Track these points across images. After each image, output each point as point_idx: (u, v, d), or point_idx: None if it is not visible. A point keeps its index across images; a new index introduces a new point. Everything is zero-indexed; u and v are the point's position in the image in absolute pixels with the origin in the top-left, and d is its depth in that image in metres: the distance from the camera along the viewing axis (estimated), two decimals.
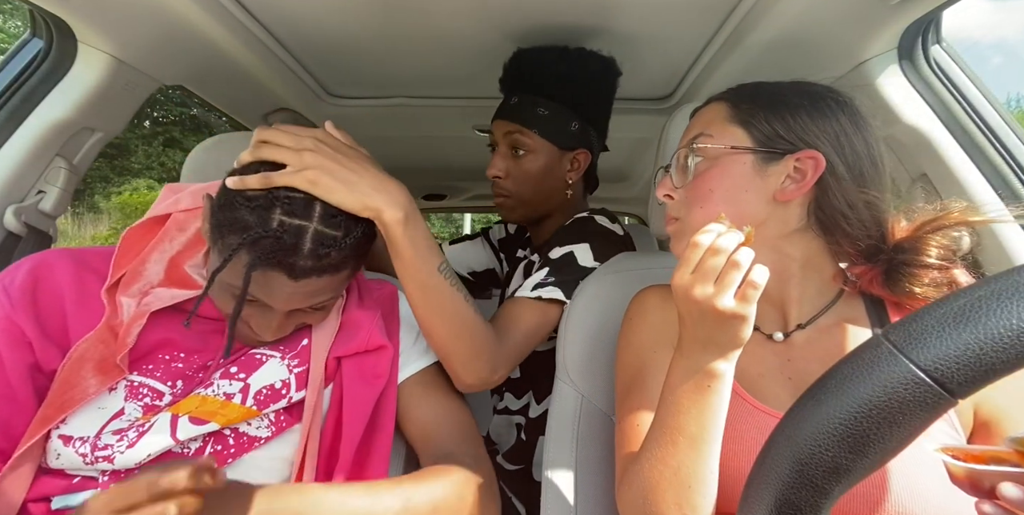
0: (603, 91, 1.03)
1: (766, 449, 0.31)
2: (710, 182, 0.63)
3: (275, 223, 0.58)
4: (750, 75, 0.68)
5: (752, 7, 0.86)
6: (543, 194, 1.01)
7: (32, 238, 0.89)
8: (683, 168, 0.66)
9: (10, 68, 0.88)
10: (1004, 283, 0.26)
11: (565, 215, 1.04)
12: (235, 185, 0.60)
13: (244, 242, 0.57)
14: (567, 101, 0.97)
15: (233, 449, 0.68)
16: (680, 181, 0.66)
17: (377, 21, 0.94)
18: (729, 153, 0.63)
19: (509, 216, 1.05)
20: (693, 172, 0.65)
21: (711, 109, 0.67)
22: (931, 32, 0.86)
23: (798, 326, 0.64)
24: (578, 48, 0.97)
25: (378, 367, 0.75)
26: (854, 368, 0.29)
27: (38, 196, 0.91)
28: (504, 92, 1.03)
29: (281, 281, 0.60)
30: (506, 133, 0.99)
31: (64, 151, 0.92)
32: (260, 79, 1.13)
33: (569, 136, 0.99)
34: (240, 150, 0.89)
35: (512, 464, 1.08)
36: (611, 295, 0.84)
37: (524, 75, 0.99)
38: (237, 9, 0.89)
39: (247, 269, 0.57)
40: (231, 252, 0.58)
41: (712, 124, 0.65)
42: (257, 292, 0.61)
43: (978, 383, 0.26)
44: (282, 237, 0.58)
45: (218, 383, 0.68)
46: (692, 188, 0.65)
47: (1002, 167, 0.81)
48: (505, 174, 1.00)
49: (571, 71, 0.97)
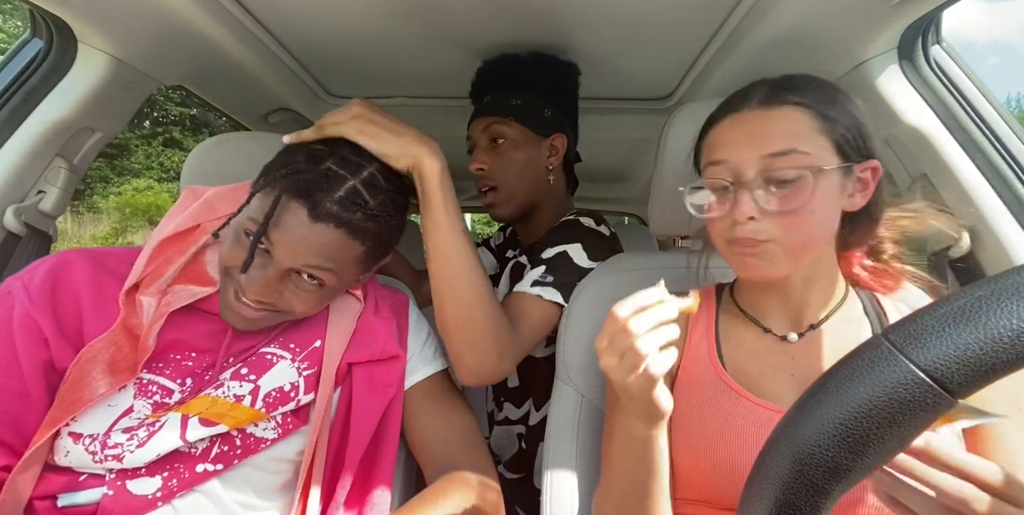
0: (570, 82, 1.07)
1: (766, 449, 0.31)
2: (811, 203, 0.57)
3: (323, 166, 0.64)
4: (750, 75, 0.67)
5: (752, 7, 0.86)
6: (526, 181, 1.02)
7: (32, 238, 0.89)
8: (773, 187, 0.58)
9: (10, 68, 0.88)
10: (1004, 283, 0.26)
11: (551, 213, 1.06)
12: (291, 139, 0.67)
13: (287, 173, 0.63)
14: (538, 89, 1.02)
15: (240, 450, 0.68)
16: (769, 201, 0.58)
17: (377, 21, 0.94)
18: (824, 174, 0.57)
19: (498, 212, 1.05)
20: (787, 191, 0.57)
21: (792, 118, 0.59)
22: (931, 32, 0.86)
23: (810, 326, 0.64)
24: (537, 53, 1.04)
25: (389, 376, 0.75)
26: (854, 368, 0.29)
27: (38, 196, 0.91)
28: (474, 100, 1.08)
29: (299, 218, 0.62)
30: (484, 128, 1.02)
31: (64, 151, 0.92)
32: (260, 79, 1.13)
33: (544, 122, 1.02)
34: (240, 150, 0.89)
35: (513, 473, 1.10)
36: (610, 295, 0.84)
37: (493, 77, 1.05)
38: (237, 9, 0.89)
39: (278, 193, 0.61)
40: (270, 179, 0.63)
41: (800, 137, 0.58)
42: (270, 230, 0.62)
43: (978, 383, 0.26)
44: (322, 178, 0.63)
45: (228, 384, 0.68)
46: (789, 210, 0.57)
47: (1002, 167, 0.81)
48: (488, 166, 1.01)
49: (538, 62, 1.03)
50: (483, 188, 1.03)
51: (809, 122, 0.58)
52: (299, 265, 0.64)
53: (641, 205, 2.42)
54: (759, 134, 0.59)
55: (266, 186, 0.64)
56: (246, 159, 0.93)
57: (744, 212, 0.58)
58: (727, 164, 0.60)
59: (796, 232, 0.58)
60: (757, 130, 0.59)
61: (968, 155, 0.82)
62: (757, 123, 0.60)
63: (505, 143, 1.00)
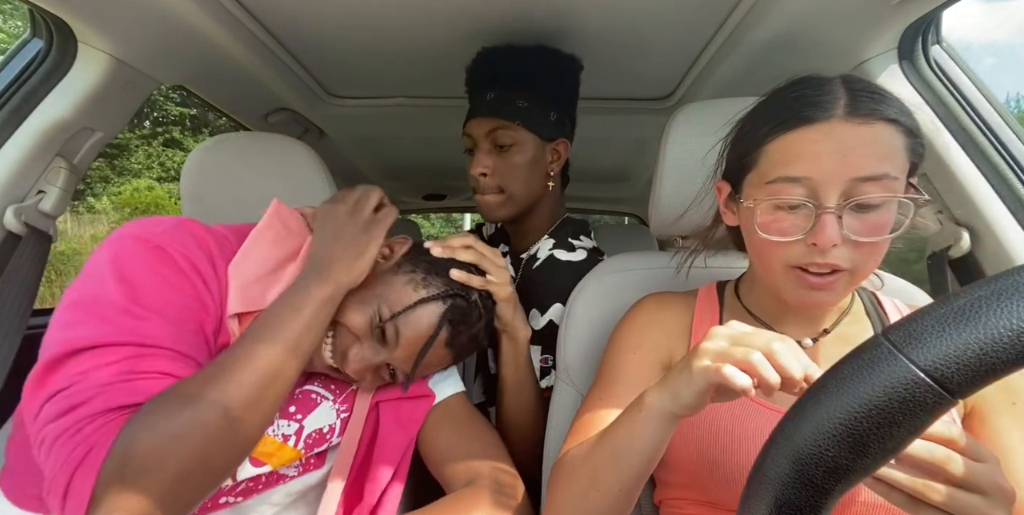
0: (572, 83, 1.05)
1: (766, 449, 0.31)
2: (888, 233, 0.53)
3: (472, 298, 0.74)
4: (750, 75, 0.67)
5: (752, 7, 0.86)
6: (529, 187, 1.01)
7: (32, 238, 0.89)
8: (856, 212, 0.52)
9: (10, 68, 0.88)
10: (1004, 283, 0.26)
11: (546, 217, 1.06)
12: (458, 277, 0.74)
13: (450, 294, 0.70)
14: (544, 92, 0.98)
15: (262, 486, 0.68)
16: (856, 229, 0.52)
17: (377, 21, 0.94)
18: (906, 198, 0.53)
19: (493, 214, 1.03)
20: (874, 218, 0.53)
21: (887, 137, 0.52)
22: (931, 32, 0.86)
23: (824, 331, 0.63)
24: (535, 45, 0.99)
25: (416, 412, 0.75)
26: (854, 368, 0.29)
27: (38, 196, 0.90)
28: (474, 90, 1.04)
29: (440, 340, 0.70)
30: (489, 131, 0.98)
31: (64, 151, 0.92)
32: (260, 79, 1.13)
33: (550, 126, 0.99)
34: (240, 150, 0.89)
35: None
36: (611, 295, 0.84)
37: (499, 71, 0.99)
38: (237, 9, 0.89)
39: (441, 318, 0.69)
40: (432, 289, 0.70)
41: (893, 160, 0.52)
42: (403, 327, 0.68)
43: (978, 383, 0.26)
44: (470, 311, 0.73)
45: (278, 422, 0.67)
46: (875, 240, 0.53)
47: (1002, 167, 0.81)
48: (492, 170, 0.99)
49: (545, 62, 0.99)
50: (485, 192, 1.01)
51: (902, 143, 0.53)
52: (406, 371, 0.70)
53: (641, 205, 2.41)
54: (853, 154, 0.51)
55: (429, 296, 0.69)
56: (246, 159, 0.93)
57: (831, 239, 0.51)
58: (808, 182, 0.53)
59: (871, 262, 0.53)
60: (850, 148, 0.52)
61: (968, 155, 0.82)
62: (849, 139, 0.52)
63: (510, 148, 0.98)
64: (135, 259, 0.58)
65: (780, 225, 0.55)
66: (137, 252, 0.58)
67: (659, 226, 0.88)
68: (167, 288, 0.58)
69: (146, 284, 0.57)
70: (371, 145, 1.71)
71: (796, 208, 0.54)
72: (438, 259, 0.75)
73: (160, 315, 0.56)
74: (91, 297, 0.55)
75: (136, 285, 0.56)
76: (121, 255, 0.58)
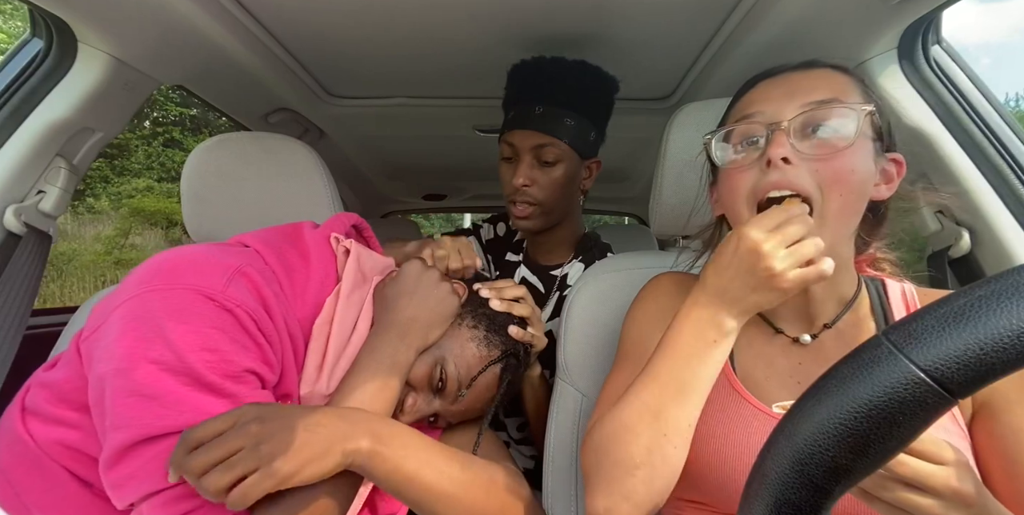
0: (610, 103, 1.07)
1: (766, 449, 0.31)
2: (852, 158, 0.52)
3: (521, 354, 0.76)
4: (750, 75, 0.67)
5: (752, 7, 0.86)
6: (564, 202, 1.04)
7: (32, 238, 0.89)
8: (811, 132, 0.53)
9: (10, 68, 0.88)
10: (1004, 283, 0.26)
11: (571, 230, 1.10)
12: (518, 335, 0.75)
13: (505, 353, 0.73)
14: (589, 112, 1.01)
15: None
16: (807, 148, 0.53)
17: (377, 21, 0.94)
18: (864, 134, 0.53)
19: (526, 225, 1.05)
20: (828, 136, 0.52)
21: (836, 77, 0.55)
22: (931, 32, 0.86)
23: (824, 326, 0.62)
24: (581, 61, 1.00)
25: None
26: (854, 368, 0.29)
27: (38, 196, 0.90)
28: (520, 102, 1.03)
29: (488, 382, 0.72)
30: (535, 145, 1.00)
31: (64, 151, 0.92)
32: (260, 79, 1.13)
33: (590, 145, 1.04)
34: (240, 150, 0.89)
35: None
36: (610, 295, 0.84)
37: (549, 87, 1.00)
38: (237, 9, 0.89)
39: (502, 375, 0.73)
40: (493, 349, 0.72)
41: (847, 94, 0.54)
42: (472, 393, 0.71)
43: (978, 383, 0.26)
44: (521, 364, 0.76)
45: None
46: (827, 163, 0.52)
47: (1002, 167, 0.81)
48: (532, 182, 1.01)
49: (593, 84, 1.01)
50: (520, 202, 1.03)
51: (853, 85, 0.55)
52: (452, 422, 0.72)
53: (641, 205, 2.41)
54: (800, 88, 0.54)
55: (493, 358, 0.72)
56: (246, 159, 0.93)
57: (778, 152, 0.52)
58: (762, 115, 0.55)
59: (834, 191, 0.52)
60: (798, 85, 0.55)
61: (968, 155, 0.82)
62: (797, 79, 0.56)
63: (554, 164, 1.01)
64: (202, 317, 0.52)
65: (738, 156, 0.58)
66: (204, 311, 0.52)
67: (660, 226, 0.88)
68: (242, 353, 0.54)
69: (226, 350, 0.53)
70: (371, 145, 1.71)
71: (755, 143, 0.57)
72: (496, 313, 0.75)
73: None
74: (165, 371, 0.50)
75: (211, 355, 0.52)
76: (183, 311, 0.52)
